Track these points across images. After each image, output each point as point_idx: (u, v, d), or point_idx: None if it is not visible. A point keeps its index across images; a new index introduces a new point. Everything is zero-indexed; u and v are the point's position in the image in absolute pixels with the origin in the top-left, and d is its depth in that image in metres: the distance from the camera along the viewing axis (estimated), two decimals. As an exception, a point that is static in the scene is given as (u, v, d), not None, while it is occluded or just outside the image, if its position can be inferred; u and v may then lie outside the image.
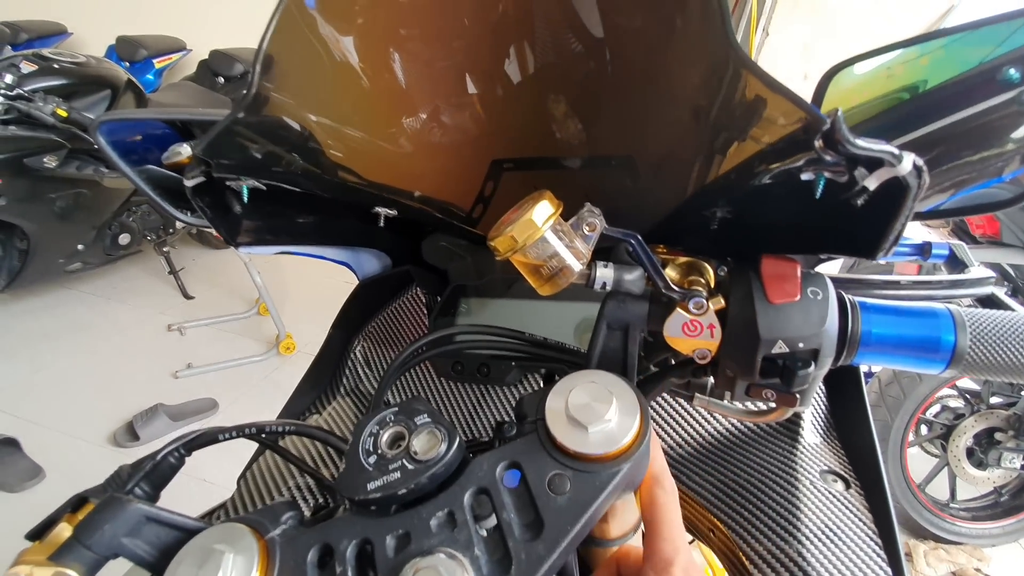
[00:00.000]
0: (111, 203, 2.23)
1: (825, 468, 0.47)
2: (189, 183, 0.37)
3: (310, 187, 0.44)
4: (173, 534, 0.33)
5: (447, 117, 0.48)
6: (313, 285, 2.94)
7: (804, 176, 0.28)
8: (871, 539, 0.43)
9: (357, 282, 0.63)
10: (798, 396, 0.32)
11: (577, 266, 0.32)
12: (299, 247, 0.50)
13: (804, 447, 0.48)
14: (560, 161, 0.53)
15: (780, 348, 0.31)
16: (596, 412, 0.29)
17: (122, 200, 2.28)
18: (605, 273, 0.33)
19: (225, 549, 0.29)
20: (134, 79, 2.29)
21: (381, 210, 0.50)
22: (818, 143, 0.25)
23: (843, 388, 0.51)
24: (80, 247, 2.20)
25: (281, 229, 0.46)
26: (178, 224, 2.60)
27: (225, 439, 0.42)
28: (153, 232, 2.48)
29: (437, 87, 0.44)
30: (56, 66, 2.02)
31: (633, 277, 0.33)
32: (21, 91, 1.82)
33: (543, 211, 0.31)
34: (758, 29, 1.83)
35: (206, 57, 2.81)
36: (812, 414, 0.51)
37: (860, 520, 0.45)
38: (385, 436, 0.33)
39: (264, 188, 0.39)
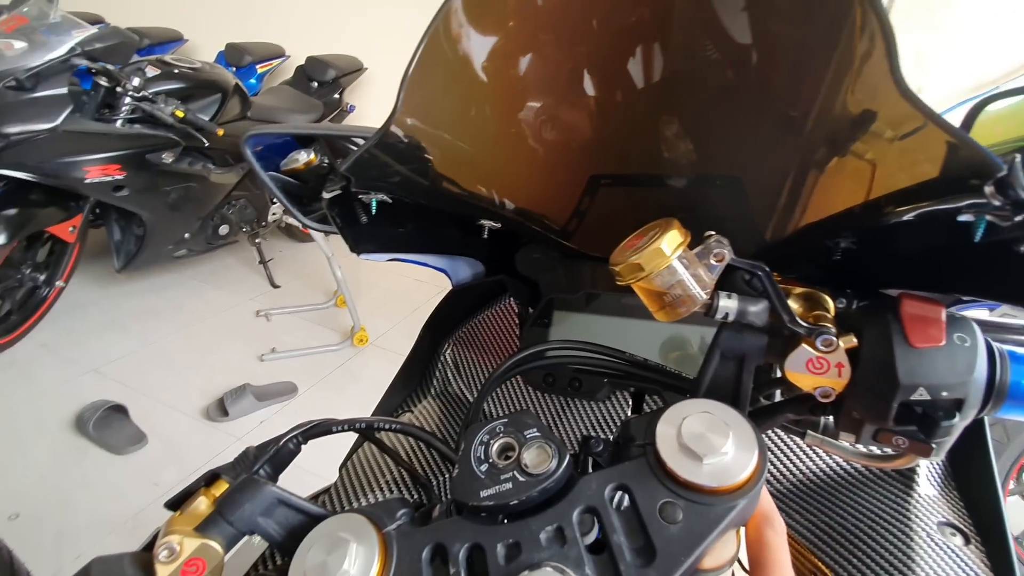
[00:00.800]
0: (215, 197, 2.44)
1: (942, 520, 0.44)
2: (327, 195, 0.40)
3: (426, 199, 0.46)
4: (299, 518, 0.36)
5: (553, 128, 0.49)
6: (386, 282, 3.07)
7: (962, 218, 0.27)
8: None
9: (432, 281, 0.65)
10: (934, 446, 0.31)
11: (702, 296, 0.32)
12: (407, 255, 0.53)
13: (919, 496, 0.45)
14: (662, 179, 0.53)
15: (920, 395, 0.29)
16: (712, 444, 0.29)
17: (224, 194, 2.48)
18: (729, 304, 0.32)
19: (350, 539, 0.31)
20: (240, 83, 2.49)
21: (486, 222, 0.52)
22: (989, 188, 0.24)
23: (964, 436, 0.47)
24: (187, 235, 2.42)
25: (395, 238, 0.49)
26: (269, 218, 2.80)
27: (338, 431, 0.45)
28: (248, 224, 2.68)
29: (555, 93, 0.45)
30: (176, 71, 2.23)
31: (758, 309, 0.32)
32: (146, 93, 2.03)
33: (672, 241, 0.31)
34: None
35: (303, 63, 3.00)
36: (928, 461, 0.47)
37: None
38: (495, 446, 0.34)
39: (390, 201, 0.42)
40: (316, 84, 2.97)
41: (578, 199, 0.57)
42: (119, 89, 2.00)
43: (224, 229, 2.58)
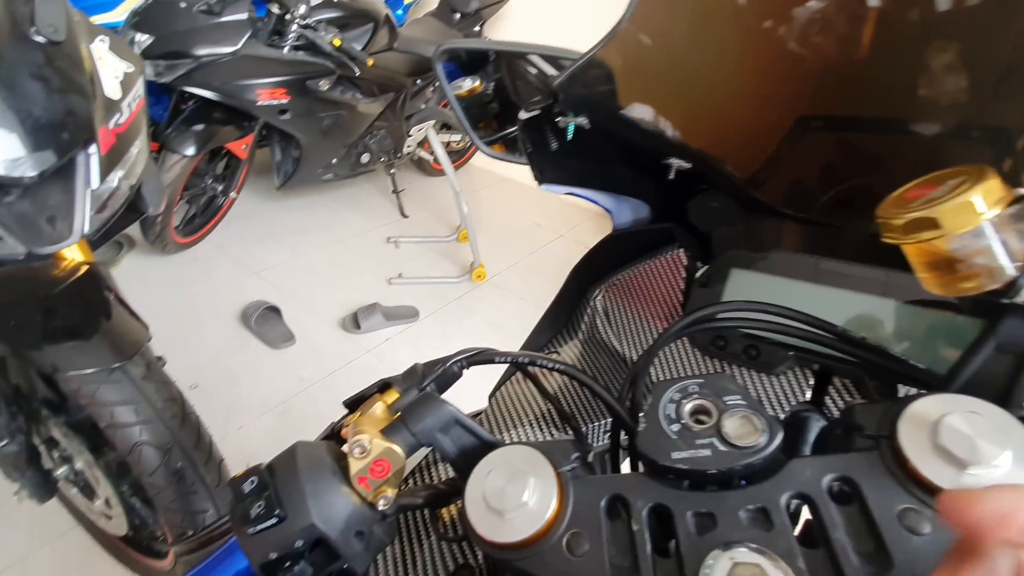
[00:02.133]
0: (360, 125, 2.58)
1: None
2: (525, 115, 0.38)
3: (622, 129, 0.42)
4: (472, 440, 0.37)
5: (770, 55, 0.42)
6: (506, 222, 3.11)
7: None
8: None
9: (550, 226, 0.61)
10: None
11: (1009, 270, 0.25)
12: (582, 189, 0.50)
13: None
14: (903, 125, 0.43)
15: None
16: (982, 452, 0.23)
17: (368, 124, 2.61)
18: None
19: (529, 472, 0.30)
20: (391, 14, 2.54)
21: (675, 161, 0.47)
22: None
23: None
24: (334, 161, 2.61)
25: (577, 171, 0.46)
26: (404, 150, 2.92)
27: (500, 362, 0.45)
28: (386, 154, 2.82)
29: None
30: (335, 0, 2.33)
31: None
32: (309, 21, 2.14)
33: (989, 195, 0.25)
34: None
35: (448, -7, 2.99)
36: None
37: None
38: (688, 407, 0.32)
39: (587, 127, 0.39)
40: (458, 16, 2.95)
41: (776, 145, 0.49)
42: (287, 16, 2.13)
43: (365, 157, 2.73)
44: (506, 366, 0.61)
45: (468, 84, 0.73)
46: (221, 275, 2.34)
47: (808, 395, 0.49)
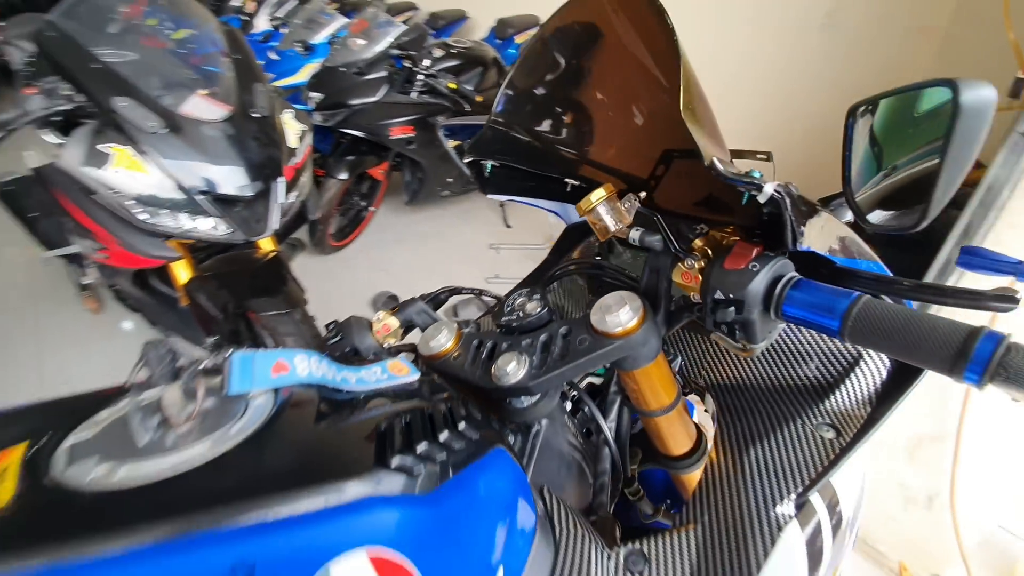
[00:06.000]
0: (470, 150, 3.10)
1: (823, 421, 0.57)
2: (465, 160, 0.75)
3: (527, 164, 0.77)
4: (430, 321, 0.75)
5: (633, 117, 0.74)
6: (597, 231, 3.39)
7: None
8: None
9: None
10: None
11: (613, 228, 0.57)
12: (524, 198, 0.85)
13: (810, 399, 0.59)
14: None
15: (717, 295, 0.49)
16: (615, 306, 0.55)
17: (477, 148, 3.12)
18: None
19: (444, 326, 0.67)
20: (499, 56, 3.04)
21: (569, 180, 0.80)
22: None
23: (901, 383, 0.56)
24: (450, 180, 3.16)
25: (512, 186, 0.82)
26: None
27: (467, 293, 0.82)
28: (492, 173, 3.31)
29: (628, 102, 0.70)
30: (453, 51, 2.88)
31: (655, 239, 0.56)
32: (432, 71, 2.71)
33: (600, 194, 0.57)
34: None
35: (551, 32, 3.41)
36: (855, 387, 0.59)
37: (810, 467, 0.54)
38: (516, 301, 0.66)
39: (498, 166, 0.75)
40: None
41: (654, 165, 0.80)
42: (415, 68, 2.72)
43: (475, 176, 3.25)
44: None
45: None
46: (361, 270, 3.00)
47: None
